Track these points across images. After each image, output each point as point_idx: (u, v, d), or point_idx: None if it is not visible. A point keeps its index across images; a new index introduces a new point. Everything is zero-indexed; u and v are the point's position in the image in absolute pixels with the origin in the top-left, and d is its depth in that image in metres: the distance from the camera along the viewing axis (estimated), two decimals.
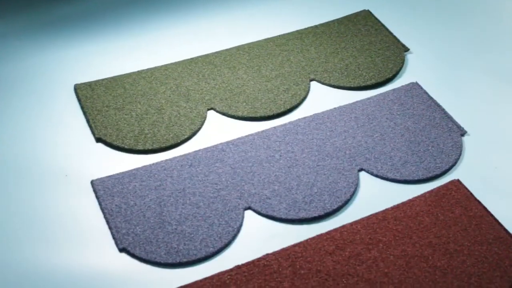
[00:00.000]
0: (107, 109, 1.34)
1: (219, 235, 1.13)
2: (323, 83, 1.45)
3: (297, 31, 1.58)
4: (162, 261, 1.09)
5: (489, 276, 1.07)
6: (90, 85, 1.39)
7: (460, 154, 1.30)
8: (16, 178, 1.20)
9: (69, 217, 1.15)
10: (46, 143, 1.27)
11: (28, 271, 1.06)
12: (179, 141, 1.29)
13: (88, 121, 1.32)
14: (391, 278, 1.07)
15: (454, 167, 1.28)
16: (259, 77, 1.44)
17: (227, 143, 1.29)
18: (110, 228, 1.13)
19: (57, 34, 1.50)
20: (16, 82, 1.39)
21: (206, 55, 1.48)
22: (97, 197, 1.18)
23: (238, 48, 1.51)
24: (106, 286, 1.05)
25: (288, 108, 1.38)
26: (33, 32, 1.49)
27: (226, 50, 1.50)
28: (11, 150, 1.25)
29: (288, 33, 1.57)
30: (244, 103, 1.37)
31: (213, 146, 1.28)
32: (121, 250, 1.11)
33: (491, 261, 1.10)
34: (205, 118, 1.35)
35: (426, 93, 1.43)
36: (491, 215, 1.17)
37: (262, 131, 1.32)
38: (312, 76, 1.46)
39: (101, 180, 1.21)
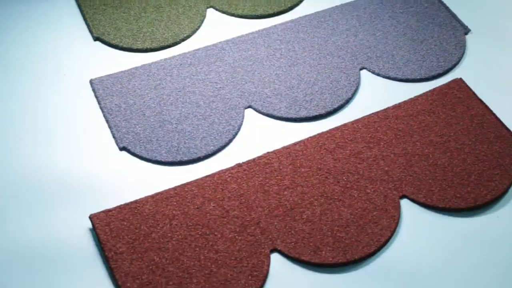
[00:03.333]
0: (104, 8, 1.28)
1: (219, 134, 1.10)
2: None
3: None
4: (162, 160, 1.07)
5: (489, 174, 1.05)
6: None
7: (463, 53, 1.26)
8: (14, 78, 1.17)
9: (68, 116, 1.12)
10: (43, 43, 1.23)
11: (27, 170, 1.05)
12: (178, 40, 1.25)
13: (85, 20, 1.27)
14: (391, 176, 1.05)
15: (457, 65, 1.24)
16: None
17: (227, 41, 1.24)
18: (110, 127, 1.11)
19: None
20: None
21: None
22: (96, 97, 1.15)
23: None
24: (107, 184, 1.04)
25: (289, 6, 1.32)
26: None
27: None
28: (9, 49, 1.22)
29: None
30: (244, 1, 1.32)
31: (213, 45, 1.23)
32: (122, 149, 1.08)
33: (492, 159, 1.07)
34: (204, 16, 1.30)
35: None
36: (493, 113, 1.14)
37: (263, 30, 1.27)
38: None
39: (100, 79, 1.17)
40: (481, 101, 1.16)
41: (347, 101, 1.17)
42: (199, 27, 1.28)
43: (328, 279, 0.95)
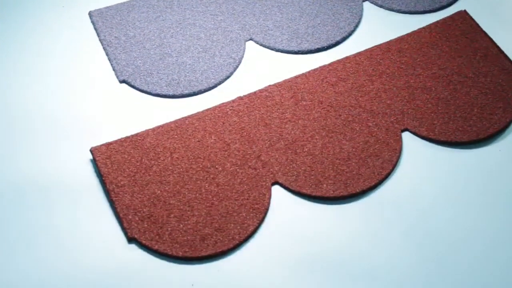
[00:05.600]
0: None
1: (220, 67, 1.07)
2: None
3: None
4: (163, 93, 1.04)
5: (492, 107, 1.02)
6: None
7: None
8: (13, 10, 1.14)
9: (67, 49, 1.10)
10: None
11: (27, 103, 1.03)
12: None
13: None
14: (393, 109, 1.02)
15: None
16: None
17: None
18: (109, 60, 1.07)
19: None
20: None
21: None
22: (96, 29, 1.11)
23: None
24: (107, 117, 1.02)
25: None
26: None
27: None
28: None
29: None
30: None
31: None
32: (122, 82, 1.05)
33: (495, 92, 1.04)
34: None
35: None
36: (497, 46, 1.10)
37: None
38: None
39: (99, 11, 1.13)
40: (485, 33, 1.12)
41: (350, 34, 1.13)
42: None
43: (329, 212, 0.93)
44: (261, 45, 1.11)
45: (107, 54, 1.08)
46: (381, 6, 1.17)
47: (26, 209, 0.92)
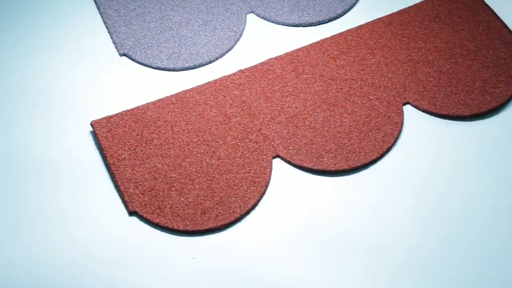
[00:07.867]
0: None
1: (221, 40, 1.05)
2: None
3: None
4: (163, 66, 1.02)
5: (494, 81, 1.01)
6: None
7: None
8: None
9: (67, 22, 1.08)
10: None
11: (27, 79, 1.01)
12: None
13: None
14: (395, 82, 1.01)
15: None
16: None
17: None
18: (109, 33, 1.06)
19: None
20: None
21: None
22: (95, 2, 1.09)
23: None
24: (108, 90, 1.01)
25: None
26: None
27: None
28: None
29: None
30: None
31: None
32: (122, 55, 1.04)
33: (497, 66, 1.03)
34: None
35: None
36: (500, 19, 1.08)
37: None
38: None
39: None
40: (488, 6, 1.10)
41: (351, 7, 1.11)
42: None
43: (330, 185, 0.92)
44: (262, 18, 1.09)
45: (107, 28, 1.06)
46: None
47: (26, 182, 0.91)
